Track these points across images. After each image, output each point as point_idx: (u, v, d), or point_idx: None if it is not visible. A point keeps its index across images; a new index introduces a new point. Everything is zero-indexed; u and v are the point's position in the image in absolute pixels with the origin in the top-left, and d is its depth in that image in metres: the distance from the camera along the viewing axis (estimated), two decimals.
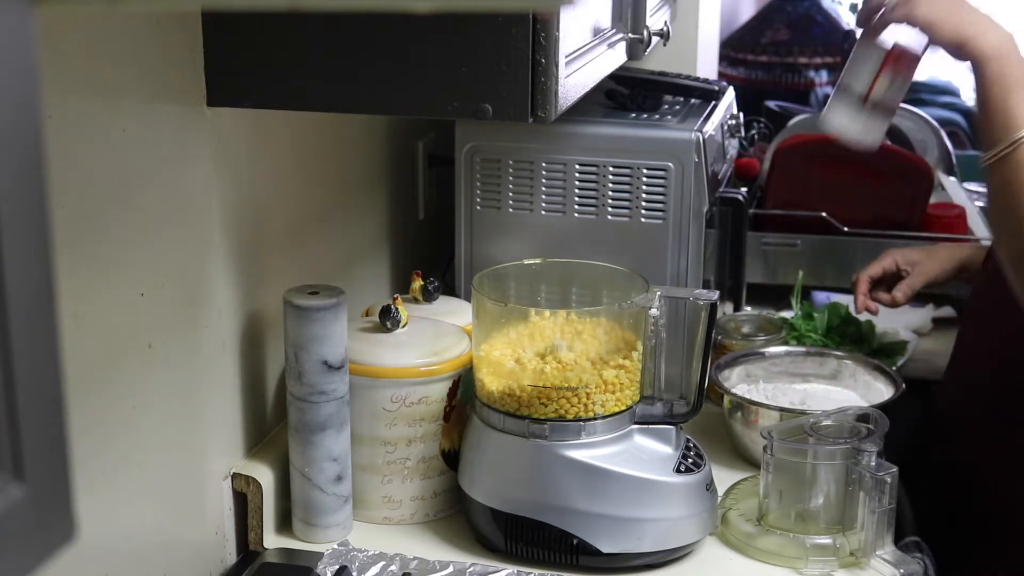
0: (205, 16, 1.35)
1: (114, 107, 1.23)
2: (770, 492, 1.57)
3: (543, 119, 1.30)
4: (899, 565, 1.50)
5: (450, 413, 1.60)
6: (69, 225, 1.15)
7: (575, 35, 1.38)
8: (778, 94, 3.46)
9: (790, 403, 1.83)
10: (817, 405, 1.81)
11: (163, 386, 1.35)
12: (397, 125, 2.02)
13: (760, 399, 1.82)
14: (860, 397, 1.86)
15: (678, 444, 1.55)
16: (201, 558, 1.48)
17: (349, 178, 1.86)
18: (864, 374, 1.90)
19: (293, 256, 1.67)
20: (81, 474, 1.16)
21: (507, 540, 1.53)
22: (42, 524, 0.54)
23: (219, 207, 1.45)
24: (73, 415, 0.59)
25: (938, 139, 3.01)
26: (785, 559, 1.53)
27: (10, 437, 0.52)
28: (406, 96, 1.33)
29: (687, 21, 2.57)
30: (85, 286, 1.19)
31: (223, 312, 1.48)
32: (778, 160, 2.42)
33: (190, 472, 1.44)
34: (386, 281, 2.03)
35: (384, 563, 1.49)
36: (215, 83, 1.37)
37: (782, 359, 1.94)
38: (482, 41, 1.28)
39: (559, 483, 1.50)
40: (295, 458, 1.54)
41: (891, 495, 1.50)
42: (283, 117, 1.57)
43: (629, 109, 1.92)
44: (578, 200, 1.84)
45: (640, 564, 1.52)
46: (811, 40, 3.62)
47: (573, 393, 1.49)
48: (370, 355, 1.57)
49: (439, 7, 0.98)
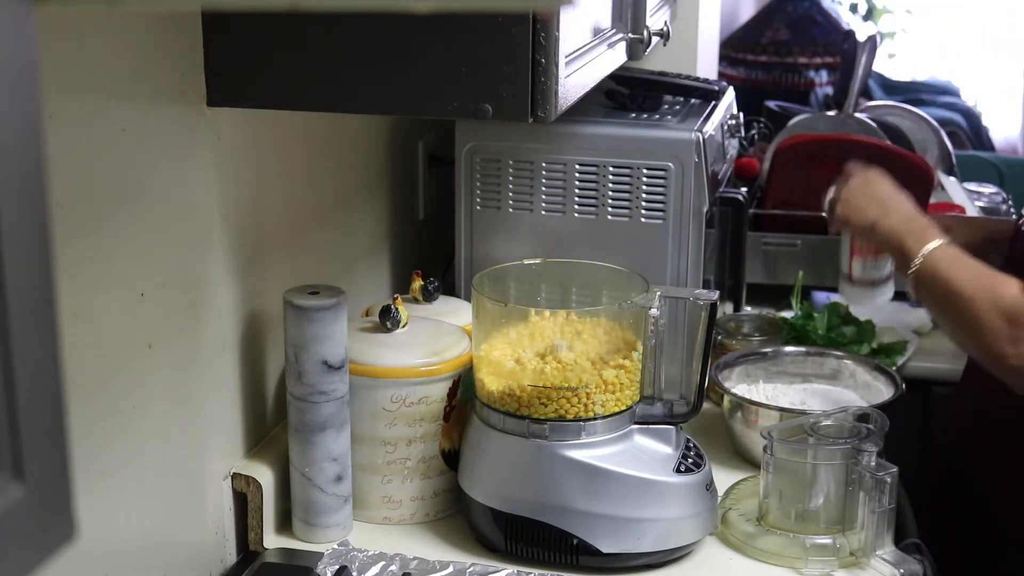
0: (205, 16, 1.35)
1: (114, 107, 1.23)
2: (770, 492, 1.57)
3: (543, 119, 1.30)
4: (899, 565, 1.50)
5: (450, 413, 1.60)
6: (69, 225, 1.15)
7: (575, 35, 1.38)
8: (778, 94, 3.46)
9: (790, 403, 1.83)
10: (817, 405, 1.81)
11: (163, 386, 1.35)
12: (397, 125, 2.02)
13: (760, 399, 1.82)
14: (860, 397, 1.86)
15: (678, 444, 1.55)
16: (201, 558, 1.48)
17: (349, 178, 1.86)
18: (864, 374, 1.90)
19: (293, 256, 1.67)
20: (81, 474, 1.16)
21: (507, 540, 1.53)
22: (42, 524, 0.54)
23: (219, 207, 1.45)
24: (73, 415, 0.59)
25: (938, 139, 3.01)
26: (785, 559, 1.53)
27: (10, 437, 0.52)
28: (406, 96, 1.33)
29: (687, 21, 2.57)
30: (85, 286, 1.19)
31: (223, 312, 1.48)
32: (778, 160, 2.42)
33: (190, 472, 1.44)
34: (386, 281, 2.03)
35: (384, 563, 1.49)
36: (215, 83, 1.37)
37: (782, 359, 1.94)
38: (482, 41, 1.28)
39: (559, 483, 1.50)
40: (295, 458, 1.54)
41: (891, 495, 1.50)
42: (283, 117, 1.57)
43: (629, 109, 1.92)
44: (578, 200, 1.84)
45: (640, 564, 1.52)
46: (811, 40, 3.62)
47: (573, 393, 1.49)
48: (370, 355, 1.57)
49: (439, 7, 0.98)
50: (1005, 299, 1.57)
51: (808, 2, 3.71)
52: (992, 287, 1.59)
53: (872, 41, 2.91)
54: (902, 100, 3.39)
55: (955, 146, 3.14)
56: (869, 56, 2.86)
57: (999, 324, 1.56)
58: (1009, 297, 1.57)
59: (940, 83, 4.13)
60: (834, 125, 2.72)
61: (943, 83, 4.15)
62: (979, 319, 1.58)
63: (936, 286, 1.64)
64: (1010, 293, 1.57)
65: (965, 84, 4.48)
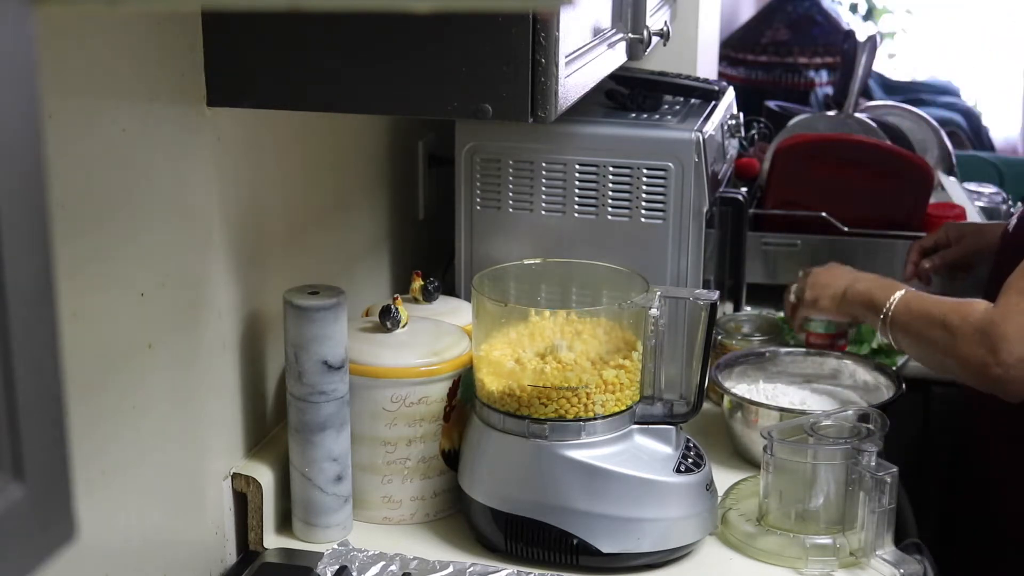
0: (205, 16, 1.35)
1: (114, 107, 1.23)
2: (770, 492, 1.57)
3: (543, 119, 1.30)
4: (899, 565, 1.50)
5: (450, 413, 1.60)
6: (69, 225, 1.15)
7: (575, 35, 1.38)
8: (778, 94, 3.46)
9: (790, 403, 1.83)
10: (817, 405, 1.81)
11: (163, 386, 1.35)
12: (397, 125, 2.02)
13: (760, 399, 1.82)
14: (860, 397, 1.86)
15: (678, 444, 1.55)
16: (201, 558, 1.48)
17: (349, 178, 1.86)
18: (864, 374, 1.90)
19: (293, 256, 1.67)
20: (81, 474, 1.16)
21: (507, 540, 1.53)
22: (42, 524, 0.54)
23: (219, 207, 1.45)
24: (73, 415, 0.59)
25: (938, 139, 3.01)
26: (785, 559, 1.53)
27: (10, 437, 0.52)
28: (406, 96, 1.33)
29: (687, 21, 2.57)
30: (85, 286, 1.19)
31: (223, 312, 1.48)
32: (778, 160, 2.42)
33: (190, 472, 1.44)
34: (386, 281, 2.03)
35: (384, 563, 1.49)
36: (215, 83, 1.37)
37: (782, 359, 1.94)
38: (482, 41, 1.28)
39: (559, 483, 1.50)
40: (295, 458, 1.54)
41: (891, 495, 1.50)
42: (283, 117, 1.57)
43: (629, 109, 1.92)
44: (578, 200, 1.84)
45: (640, 564, 1.52)
46: (811, 40, 3.62)
47: (573, 393, 1.49)
48: (370, 355, 1.57)
49: (439, 7, 0.98)
50: (976, 314, 1.62)
51: (808, 2, 3.70)
52: (960, 307, 1.66)
53: (872, 41, 2.91)
54: (902, 100, 3.39)
55: (955, 146, 3.14)
56: (869, 56, 2.86)
57: (974, 337, 1.61)
58: (979, 312, 1.62)
59: (940, 83, 4.13)
60: (834, 125, 2.72)
61: (943, 83, 4.14)
62: (955, 337, 1.63)
63: (909, 320, 1.73)
64: (979, 309, 1.63)
65: (965, 84, 4.48)
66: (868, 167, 2.35)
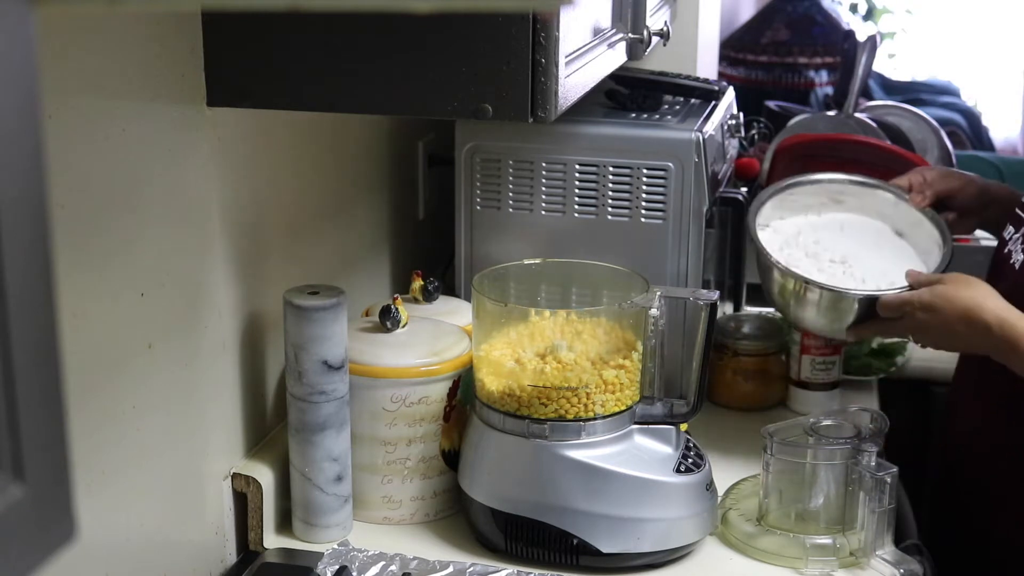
0: (205, 16, 1.35)
1: (114, 107, 1.23)
2: (770, 492, 1.57)
3: (543, 119, 1.30)
4: (899, 565, 1.50)
5: (450, 413, 1.60)
6: (69, 225, 1.15)
7: (575, 35, 1.38)
8: (778, 94, 3.46)
9: (830, 261, 1.79)
10: (862, 272, 1.77)
11: (163, 386, 1.35)
12: (397, 125, 2.02)
13: (800, 255, 1.78)
14: (912, 247, 1.81)
15: (678, 444, 1.55)
16: (201, 558, 1.48)
17: (349, 178, 1.86)
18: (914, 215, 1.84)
19: (293, 256, 1.67)
20: (81, 474, 1.16)
21: (507, 540, 1.53)
22: (42, 524, 0.54)
23: (219, 207, 1.45)
24: (73, 415, 0.59)
25: (938, 139, 3.01)
26: (785, 559, 1.53)
27: (10, 437, 0.52)
28: (406, 96, 1.33)
29: (687, 21, 2.56)
30: (85, 286, 1.18)
31: (223, 312, 1.48)
32: (778, 160, 2.42)
33: (190, 472, 1.44)
34: (386, 281, 2.03)
35: (384, 563, 1.49)
36: (215, 83, 1.37)
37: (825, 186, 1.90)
38: (482, 41, 1.28)
39: (559, 483, 1.50)
40: (295, 458, 1.54)
41: (891, 495, 1.50)
42: (283, 117, 1.57)
43: (629, 109, 1.92)
44: (578, 200, 1.84)
45: (640, 564, 1.52)
46: (811, 40, 3.62)
47: (573, 393, 1.49)
48: (370, 355, 1.57)
49: (439, 7, 0.98)
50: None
51: (808, 2, 3.70)
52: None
53: (872, 41, 2.91)
54: (902, 100, 3.39)
55: (955, 146, 3.13)
56: (869, 56, 2.86)
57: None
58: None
59: (940, 83, 4.12)
60: (834, 125, 2.71)
61: (943, 83, 4.14)
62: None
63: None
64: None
65: (965, 84, 4.48)
66: (868, 167, 2.35)
